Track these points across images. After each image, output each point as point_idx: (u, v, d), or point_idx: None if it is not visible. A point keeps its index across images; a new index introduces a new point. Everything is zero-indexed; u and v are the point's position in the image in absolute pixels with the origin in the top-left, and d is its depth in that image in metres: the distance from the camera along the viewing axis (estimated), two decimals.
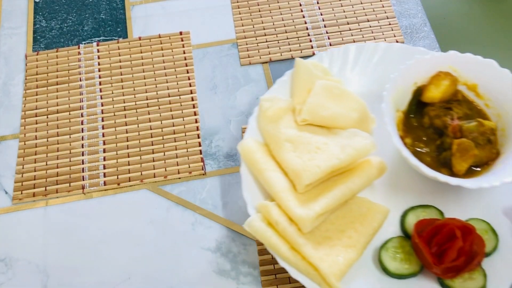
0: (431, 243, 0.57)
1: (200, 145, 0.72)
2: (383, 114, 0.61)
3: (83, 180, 0.70)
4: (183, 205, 0.68)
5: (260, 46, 0.80)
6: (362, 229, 0.59)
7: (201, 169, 0.70)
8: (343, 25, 0.81)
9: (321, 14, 0.82)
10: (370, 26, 0.81)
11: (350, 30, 0.80)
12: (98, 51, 0.80)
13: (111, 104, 0.75)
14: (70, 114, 0.75)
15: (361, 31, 0.80)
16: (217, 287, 0.62)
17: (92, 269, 0.64)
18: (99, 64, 0.79)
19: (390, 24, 0.81)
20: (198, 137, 0.72)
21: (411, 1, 0.84)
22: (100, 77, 0.78)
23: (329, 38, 0.80)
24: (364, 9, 0.82)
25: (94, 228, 0.66)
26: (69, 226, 0.67)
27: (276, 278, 0.62)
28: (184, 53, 0.80)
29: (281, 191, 0.59)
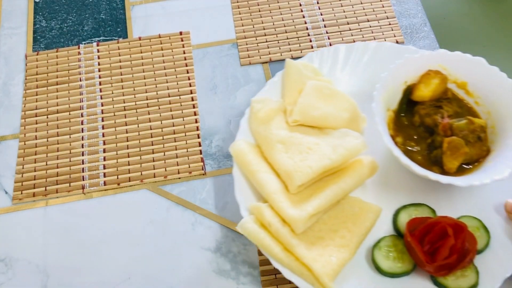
0: (423, 241, 0.57)
1: (200, 145, 0.72)
2: (373, 113, 0.61)
3: (83, 180, 0.70)
4: (183, 205, 0.68)
5: (260, 46, 0.80)
6: (355, 229, 0.59)
7: (201, 169, 0.70)
8: (343, 25, 0.81)
9: (321, 14, 0.82)
10: (370, 26, 0.81)
11: (350, 30, 0.80)
12: (98, 51, 0.80)
13: (111, 104, 0.75)
14: (70, 114, 0.75)
15: (361, 31, 0.80)
16: (217, 287, 0.62)
17: (92, 269, 0.64)
18: (99, 64, 0.79)
19: (390, 24, 0.81)
20: (198, 137, 0.72)
21: (411, 1, 0.84)
22: (100, 77, 0.78)
23: (329, 38, 0.80)
24: (364, 9, 0.82)
25: (94, 228, 0.66)
26: (69, 226, 0.67)
27: (276, 278, 0.62)
28: (184, 53, 0.80)
29: (273, 192, 0.60)
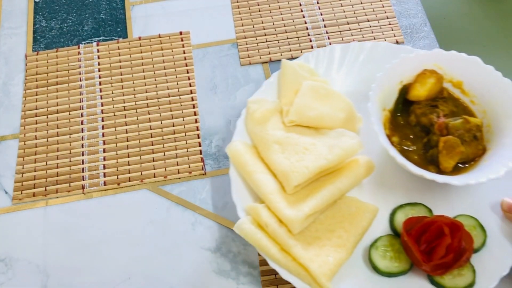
0: (420, 240, 0.57)
1: (200, 145, 0.72)
2: (369, 113, 0.61)
3: (83, 180, 0.70)
4: (183, 205, 0.68)
5: (260, 46, 0.80)
6: (352, 229, 0.59)
7: (201, 169, 0.70)
8: (343, 25, 0.81)
9: (321, 14, 0.82)
10: (370, 26, 0.81)
11: (350, 30, 0.80)
12: (98, 51, 0.80)
13: (111, 104, 0.75)
14: (70, 114, 0.75)
15: (361, 31, 0.80)
16: (217, 287, 0.62)
17: (92, 269, 0.64)
18: (99, 64, 0.79)
19: (390, 24, 0.81)
20: (198, 137, 0.72)
21: (411, 1, 0.84)
22: (100, 77, 0.78)
23: (329, 38, 0.80)
24: (364, 9, 0.82)
25: (94, 228, 0.66)
26: (69, 226, 0.67)
27: (276, 278, 0.62)
28: (184, 53, 0.80)
29: (270, 193, 0.60)
